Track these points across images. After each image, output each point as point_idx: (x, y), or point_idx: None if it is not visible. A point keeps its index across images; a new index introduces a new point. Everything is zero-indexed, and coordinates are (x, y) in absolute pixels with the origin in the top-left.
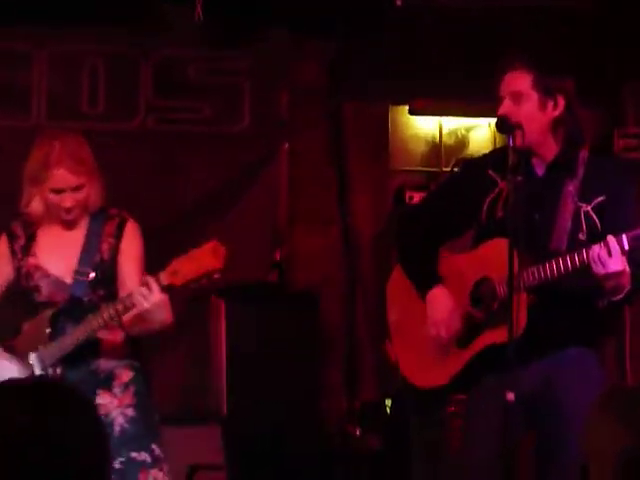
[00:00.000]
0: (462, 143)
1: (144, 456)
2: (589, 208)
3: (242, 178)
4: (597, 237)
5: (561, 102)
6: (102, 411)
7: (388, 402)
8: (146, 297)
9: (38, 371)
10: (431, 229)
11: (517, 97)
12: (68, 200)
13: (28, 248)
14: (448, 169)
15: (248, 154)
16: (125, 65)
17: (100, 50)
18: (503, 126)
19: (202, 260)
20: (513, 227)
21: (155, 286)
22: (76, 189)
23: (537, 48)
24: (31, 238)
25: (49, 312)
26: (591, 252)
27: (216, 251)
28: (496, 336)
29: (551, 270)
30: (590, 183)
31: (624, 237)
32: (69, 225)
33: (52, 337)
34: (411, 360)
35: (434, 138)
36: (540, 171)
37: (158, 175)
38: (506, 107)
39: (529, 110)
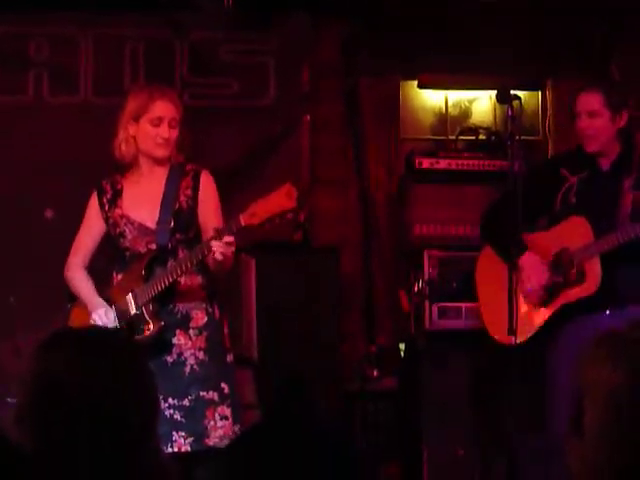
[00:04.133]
0: (466, 113)
1: (212, 394)
2: None
3: (268, 147)
4: None
5: (625, 115)
6: (177, 350)
7: (402, 346)
8: (218, 247)
9: (133, 309)
10: (513, 217)
11: (592, 114)
12: (165, 131)
13: (115, 201)
14: (453, 137)
15: (273, 125)
16: (162, 47)
17: (140, 33)
18: (503, 97)
19: (277, 201)
20: (585, 211)
21: (227, 238)
22: (173, 123)
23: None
24: (117, 193)
25: (145, 259)
26: None
27: (289, 193)
28: (572, 295)
29: (623, 235)
30: None
31: None
32: (159, 162)
33: (145, 279)
34: (501, 324)
35: (440, 109)
36: (605, 167)
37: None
38: (584, 122)
39: (602, 124)
